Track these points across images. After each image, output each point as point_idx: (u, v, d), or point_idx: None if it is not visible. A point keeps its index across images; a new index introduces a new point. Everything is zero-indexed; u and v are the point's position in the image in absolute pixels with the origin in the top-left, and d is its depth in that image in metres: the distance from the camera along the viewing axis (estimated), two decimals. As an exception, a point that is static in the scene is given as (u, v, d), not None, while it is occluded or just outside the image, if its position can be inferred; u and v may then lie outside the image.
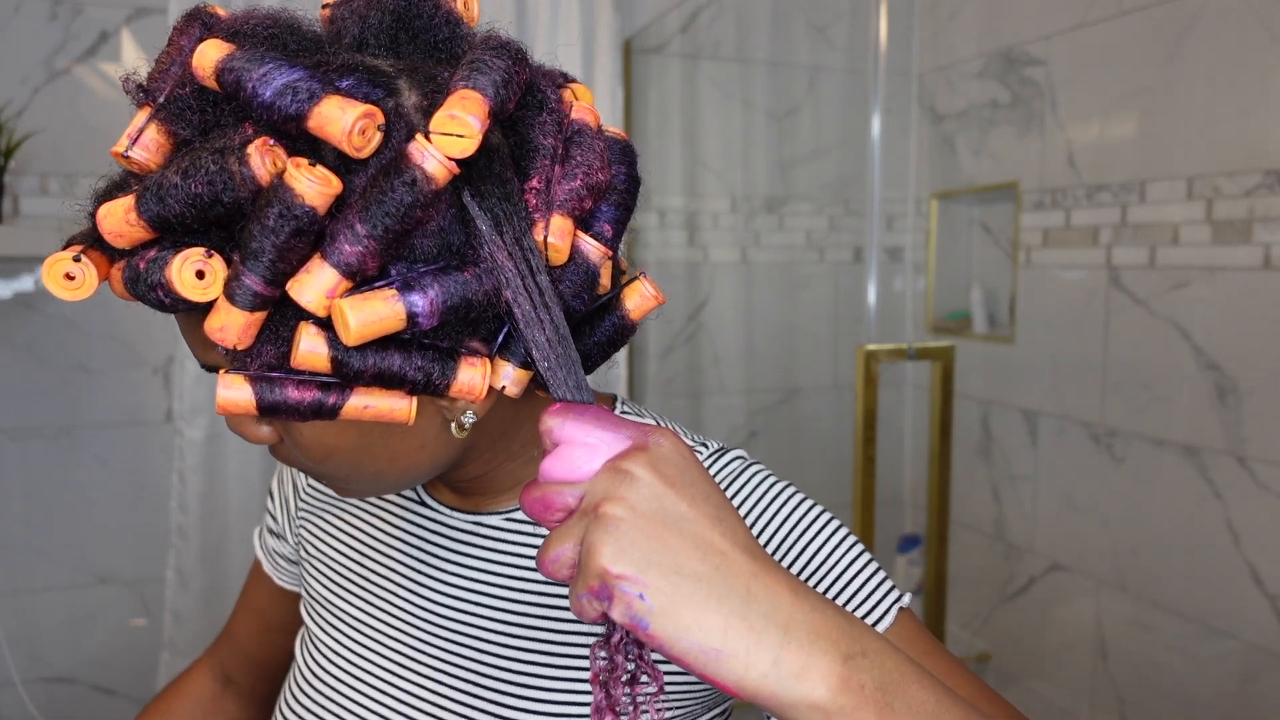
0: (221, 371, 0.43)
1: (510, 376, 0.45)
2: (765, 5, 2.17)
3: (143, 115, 0.43)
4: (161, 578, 1.79)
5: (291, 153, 0.41)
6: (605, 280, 0.47)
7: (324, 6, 0.47)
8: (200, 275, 0.40)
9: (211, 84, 0.41)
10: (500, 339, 0.45)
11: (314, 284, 0.40)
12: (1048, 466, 1.92)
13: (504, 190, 0.42)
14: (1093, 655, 1.81)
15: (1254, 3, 1.46)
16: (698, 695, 0.59)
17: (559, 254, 0.44)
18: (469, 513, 0.62)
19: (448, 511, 0.63)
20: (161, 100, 0.43)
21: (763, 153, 2.20)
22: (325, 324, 0.41)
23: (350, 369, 0.42)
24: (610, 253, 0.46)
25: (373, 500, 0.67)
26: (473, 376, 0.44)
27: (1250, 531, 1.51)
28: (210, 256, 0.40)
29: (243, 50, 0.41)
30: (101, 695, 1.82)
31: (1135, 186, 1.69)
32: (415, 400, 0.44)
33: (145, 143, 0.42)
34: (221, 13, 0.45)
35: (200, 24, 0.44)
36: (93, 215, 0.43)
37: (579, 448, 0.41)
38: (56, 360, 1.74)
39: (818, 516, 0.58)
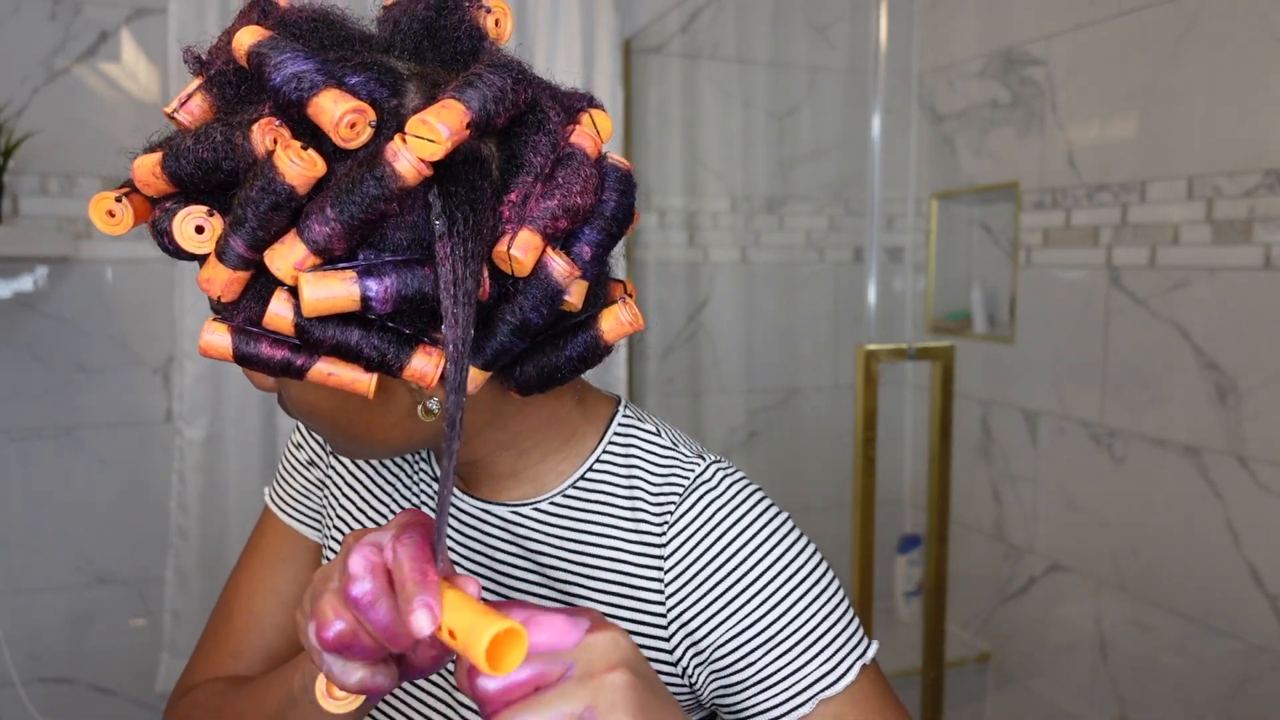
0: (209, 318, 0.47)
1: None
2: (765, 5, 2.17)
3: (195, 83, 0.48)
4: (161, 578, 1.79)
5: (297, 135, 0.44)
6: (575, 299, 0.48)
7: (383, 7, 0.51)
8: (200, 230, 0.45)
9: (244, 64, 0.45)
10: None
11: (286, 255, 0.43)
12: (1048, 466, 1.92)
13: (472, 196, 0.44)
14: (1093, 655, 1.81)
15: (1254, 3, 1.46)
16: (684, 703, 0.60)
17: (520, 266, 0.46)
18: (476, 499, 0.64)
19: (459, 495, 0.64)
20: (212, 73, 0.48)
21: (763, 153, 2.20)
22: (296, 292, 0.45)
23: (310, 336, 0.45)
24: (579, 273, 0.48)
25: (393, 468, 0.69)
26: (425, 365, 0.46)
27: (1250, 531, 1.51)
28: (212, 215, 0.45)
29: (272, 38, 0.45)
30: (101, 695, 1.82)
31: (1135, 186, 1.69)
32: (375, 376, 0.47)
33: (190, 107, 0.48)
34: (281, 2, 0.49)
35: (260, 10, 0.48)
36: None
37: (554, 621, 0.43)
38: (56, 360, 1.74)
39: (807, 560, 0.59)
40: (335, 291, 0.43)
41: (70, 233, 1.71)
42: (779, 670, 0.56)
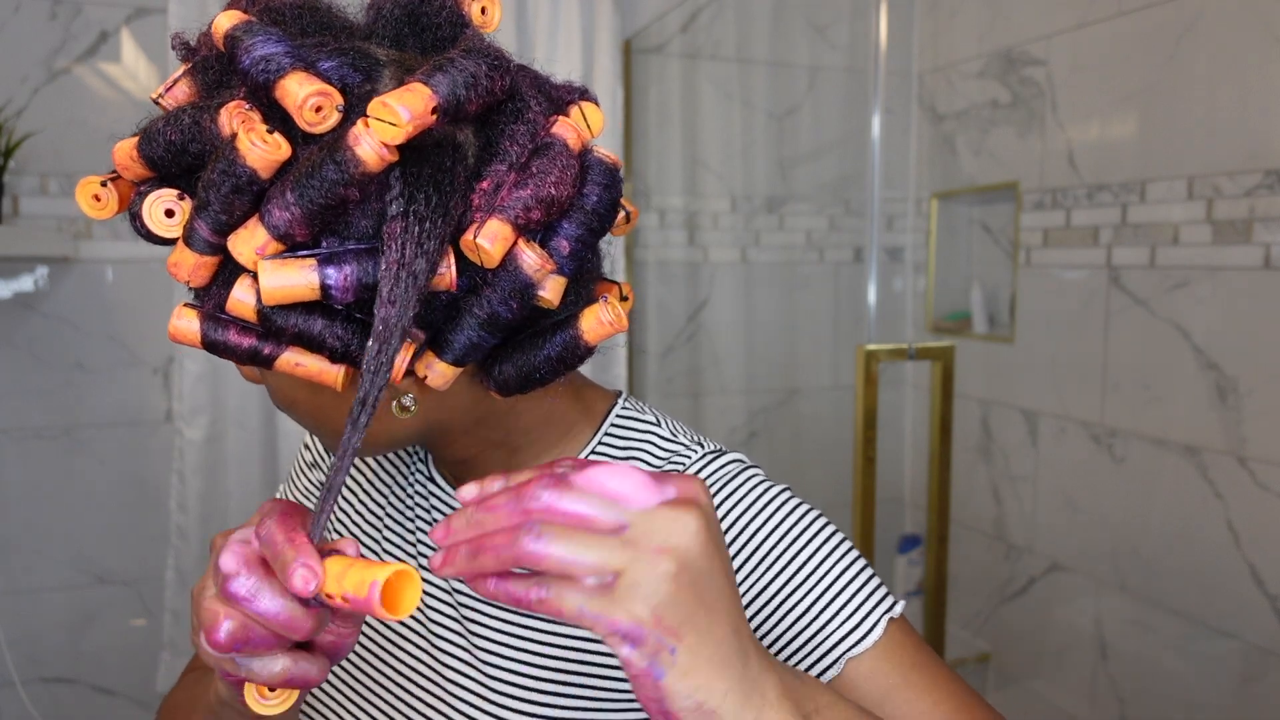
0: (180, 303, 0.47)
1: (434, 368, 0.47)
2: (765, 5, 2.17)
3: (181, 69, 0.48)
4: (161, 578, 1.79)
5: (268, 119, 0.43)
6: (551, 295, 0.47)
7: None
8: (170, 214, 0.45)
9: (222, 48, 0.45)
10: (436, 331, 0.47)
11: (248, 240, 0.43)
12: (1048, 466, 1.92)
13: (438, 178, 0.43)
14: (1093, 655, 1.81)
15: (1254, 3, 1.46)
16: None
17: (488, 256, 0.44)
18: None
19: (450, 494, 0.64)
20: (196, 60, 0.48)
21: (763, 153, 2.20)
22: None
23: (273, 324, 0.45)
24: (553, 267, 0.46)
25: (389, 469, 0.68)
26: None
27: (1250, 531, 1.51)
28: (182, 199, 0.45)
29: (248, 22, 0.44)
30: (101, 695, 1.82)
31: (1135, 186, 1.69)
32: (344, 369, 0.46)
33: (175, 92, 0.48)
34: None
35: None
36: None
37: (635, 474, 0.40)
38: (56, 360, 1.74)
39: (811, 523, 0.57)
40: (294, 279, 0.43)
41: (70, 233, 1.71)
42: (798, 636, 0.54)
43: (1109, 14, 1.72)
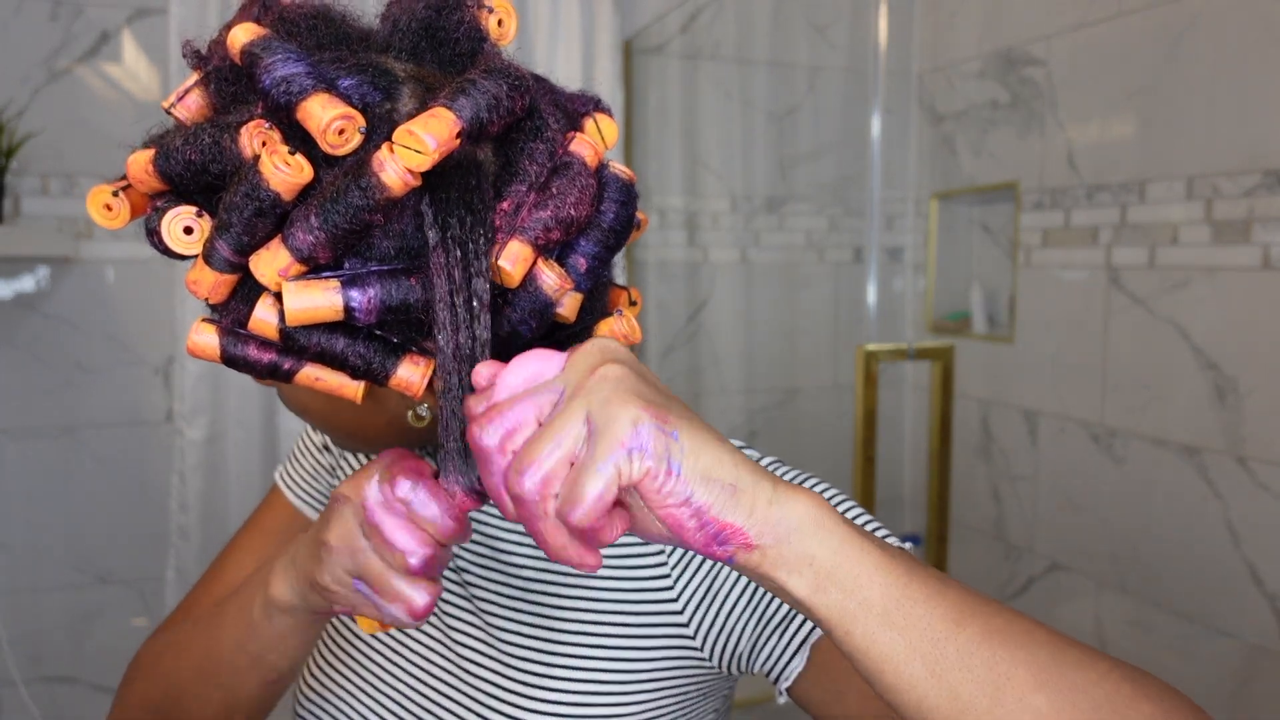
0: (199, 318, 0.47)
1: None
2: (765, 5, 2.17)
3: (193, 78, 0.48)
4: (161, 577, 1.79)
5: (289, 138, 0.43)
6: (568, 311, 0.47)
7: (387, 4, 0.50)
8: (188, 231, 0.44)
9: (239, 63, 0.45)
10: None
11: (271, 261, 0.43)
12: (1048, 466, 1.92)
13: (468, 204, 0.44)
14: (1093, 655, 1.81)
15: (1254, 3, 1.46)
16: (698, 681, 0.61)
17: (509, 277, 0.45)
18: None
19: None
20: (209, 69, 0.47)
21: (763, 153, 2.20)
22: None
23: (295, 343, 0.45)
24: (571, 285, 0.47)
25: None
26: (411, 374, 0.46)
27: (1250, 531, 1.51)
28: (201, 216, 0.44)
29: (265, 37, 0.44)
30: (102, 695, 1.82)
31: (1135, 186, 1.69)
32: (363, 383, 0.47)
33: (188, 102, 0.47)
34: None
35: (260, 5, 0.47)
36: None
37: (531, 354, 0.41)
38: (56, 360, 1.74)
39: (805, 480, 0.60)
40: (317, 301, 0.43)
41: (71, 233, 1.72)
42: None
43: (1109, 14, 1.72)
